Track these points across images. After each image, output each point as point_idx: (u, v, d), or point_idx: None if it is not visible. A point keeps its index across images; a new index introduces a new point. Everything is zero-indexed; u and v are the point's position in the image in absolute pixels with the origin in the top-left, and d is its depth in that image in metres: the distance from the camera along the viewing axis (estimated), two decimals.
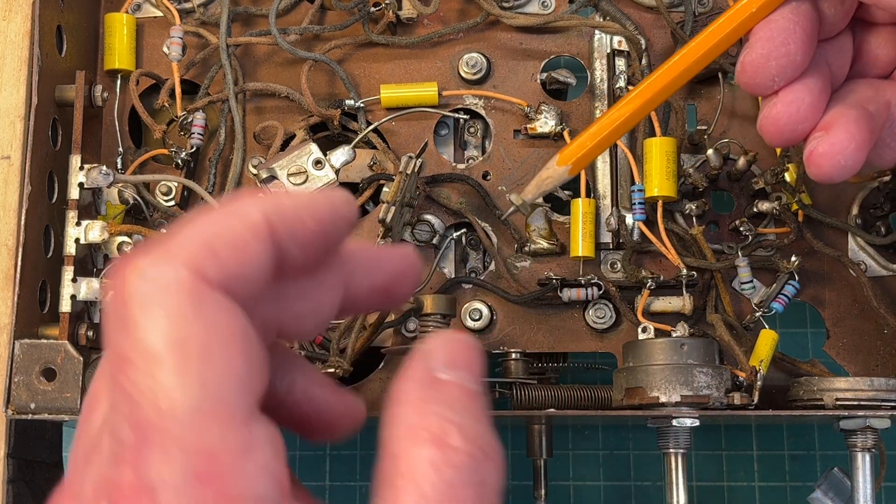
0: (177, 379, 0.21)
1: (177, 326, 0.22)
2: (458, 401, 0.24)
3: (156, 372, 0.21)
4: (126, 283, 0.22)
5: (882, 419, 0.45)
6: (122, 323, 0.22)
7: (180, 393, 0.21)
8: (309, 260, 0.25)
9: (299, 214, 0.25)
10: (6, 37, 0.47)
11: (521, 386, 0.49)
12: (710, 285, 0.50)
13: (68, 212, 0.48)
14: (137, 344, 0.21)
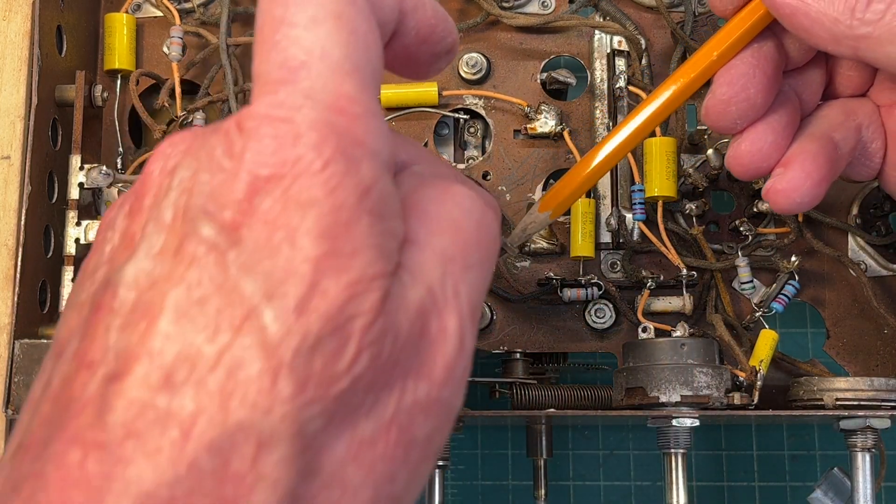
0: (333, 37, 0.26)
1: (335, 3, 0.26)
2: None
3: (314, 28, 0.26)
4: None
5: (882, 419, 0.45)
6: (283, 6, 0.26)
7: (336, 50, 0.26)
8: (404, 47, 0.30)
9: (425, 18, 0.30)
10: (6, 37, 0.47)
11: (521, 386, 0.49)
12: (710, 285, 0.50)
13: (68, 212, 0.48)
14: (302, 13, 0.26)
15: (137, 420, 0.22)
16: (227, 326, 0.23)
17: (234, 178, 0.24)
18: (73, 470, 0.22)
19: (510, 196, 0.52)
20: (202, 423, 0.22)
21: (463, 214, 0.28)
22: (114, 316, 0.24)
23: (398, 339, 0.24)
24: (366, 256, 0.24)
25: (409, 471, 0.25)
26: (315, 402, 0.23)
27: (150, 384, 0.23)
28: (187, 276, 0.23)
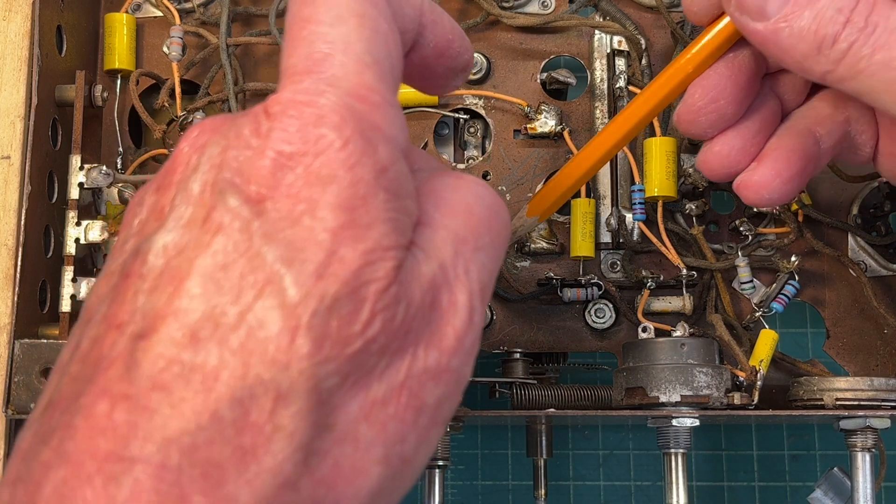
0: (356, 33, 0.28)
1: (362, 3, 0.28)
2: None
3: (339, 25, 0.28)
4: None
5: (882, 419, 0.45)
6: (310, 5, 0.28)
7: (358, 44, 0.28)
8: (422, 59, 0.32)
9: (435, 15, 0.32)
10: (6, 37, 0.47)
11: (521, 386, 0.49)
12: (710, 285, 0.50)
13: (68, 212, 0.48)
14: (327, 11, 0.28)
15: (163, 374, 0.24)
16: (250, 289, 0.25)
17: (260, 154, 0.26)
18: (100, 419, 0.24)
19: (510, 196, 0.52)
20: (224, 377, 0.24)
21: (475, 199, 0.30)
22: (142, 281, 0.25)
23: (410, 307, 0.26)
24: (381, 228, 0.26)
25: (418, 434, 0.27)
26: (330, 361, 0.25)
27: (176, 341, 0.24)
28: (213, 244, 0.25)
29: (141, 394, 0.24)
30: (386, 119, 0.27)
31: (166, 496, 0.23)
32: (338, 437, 0.25)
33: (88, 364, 0.25)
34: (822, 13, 0.33)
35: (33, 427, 0.26)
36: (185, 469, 0.23)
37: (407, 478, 0.27)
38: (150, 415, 0.24)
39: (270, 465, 0.24)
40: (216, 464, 0.24)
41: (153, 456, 0.23)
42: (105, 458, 0.23)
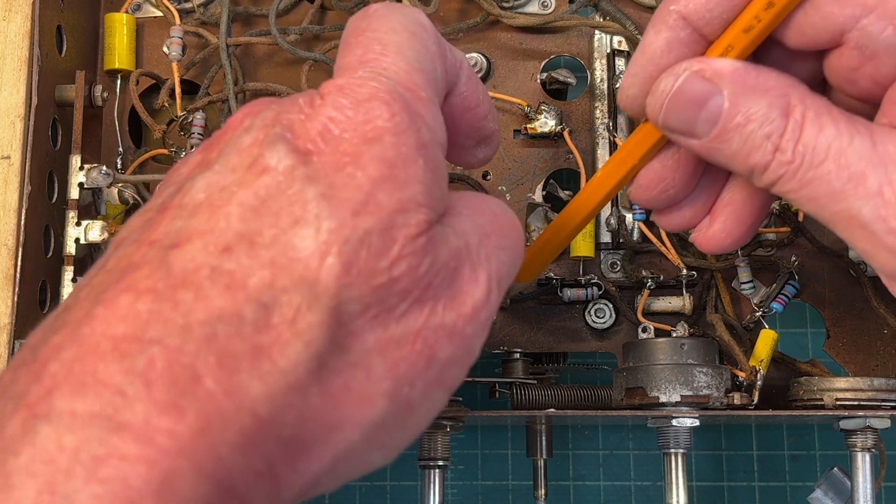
0: (407, 43, 0.31)
1: (414, 23, 0.32)
2: None
3: (393, 34, 0.31)
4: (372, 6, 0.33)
5: (882, 419, 0.45)
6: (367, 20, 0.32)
7: (409, 52, 0.30)
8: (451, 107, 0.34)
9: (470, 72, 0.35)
10: (6, 37, 0.47)
11: (521, 386, 0.49)
12: (710, 285, 0.50)
13: (68, 212, 0.48)
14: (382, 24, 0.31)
15: (192, 274, 0.25)
16: (287, 217, 0.26)
17: (313, 118, 0.28)
18: (122, 308, 0.25)
19: (510, 196, 0.52)
20: (252, 283, 0.25)
21: (500, 210, 0.32)
22: (181, 211, 0.27)
23: (435, 264, 0.28)
24: (417, 187, 0.28)
25: (425, 384, 0.28)
26: (355, 287, 0.26)
27: (209, 250, 0.26)
28: (257, 182, 0.27)
29: (167, 289, 0.25)
30: (429, 112, 0.30)
31: (179, 375, 0.24)
32: (351, 361, 0.27)
33: (115, 272, 0.26)
34: (751, 139, 0.33)
35: (44, 326, 0.27)
36: (201, 354, 0.25)
37: (407, 426, 0.29)
38: (174, 305, 0.25)
39: (283, 366, 0.25)
40: (232, 355, 0.25)
41: (171, 339, 0.24)
42: (122, 339, 0.24)
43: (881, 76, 0.33)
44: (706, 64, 0.34)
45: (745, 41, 0.34)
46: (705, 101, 0.33)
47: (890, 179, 0.32)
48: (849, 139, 0.32)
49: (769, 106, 0.33)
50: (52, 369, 0.24)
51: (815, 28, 0.33)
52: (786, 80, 0.33)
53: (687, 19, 0.34)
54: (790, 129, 0.33)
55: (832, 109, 0.33)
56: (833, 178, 0.32)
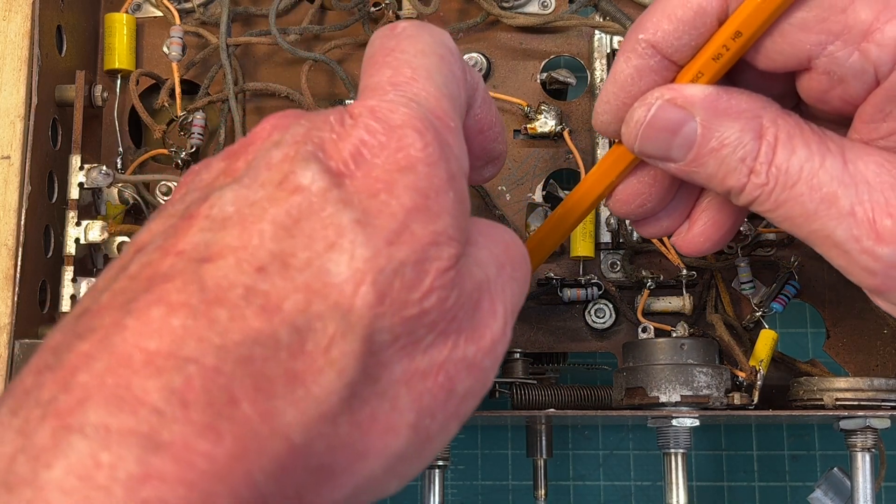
0: (436, 67, 0.31)
1: (442, 46, 0.32)
2: None
3: (422, 58, 0.31)
4: (400, 23, 0.33)
5: (882, 419, 0.45)
6: (396, 39, 0.32)
7: (438, 77, 0.31)
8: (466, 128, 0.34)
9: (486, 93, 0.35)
10: (6, 37, 0.47)
11: (521, 386, 0.49)
12: (710, 285, 0.50)
13: (68, 212, 0.48)
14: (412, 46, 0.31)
15: (227, 292, 0.25)
16: (322, 241, 0.26)
17: (344, 139, 0.28)
18: (155, 321, 0.24)
19: (510, 196, 0.52)
20: (287, 306, 0.25)
21: (511, 238, 0.33)
22: (209, 221, 0.27)
23: (461, 297, 0.28)
24: (448, 219, 0.28)
25: (445, 415, 0.29)
26: (387, 317, 0.26)
27: (243, 269, 0.25)
28: (290, 200, 0.26)
29: (202, 305, 0.25)
30: (456, 142, 0.30)
31: (216, 396, 0.24)
32: (379, 391, 0.27)
33: (140, 280, 0.26)
34: (726, 163, 0.34)
35: (65, 328, 0.26)
36: (237, 376, 0.24)
37: (424, 457, 0.29)
38: (210, 323, 0.24)
39: (317, 393, 0.25)
40: (268, 379, 0.25)
41: (208, 358, 0.24)
42: (156, 354, 0.24)
43: (851, 97, 0.33)
44: (677, 91, 0.34)
45: (714, 68, 0.34)
46: (679, 128, 0.34)
47: (861, 199, 0.32)
48: (820, 160, 0.33)
49: (742, 130, 0.33)
50: (82, 379, 0.24)
51: (782, 54, 0.33)
52: (757, 101, 0.34)
53: (656, 47, 0.35)
54: (763, 151, 0.33)
55: (804, 129, 0.34)
56: (806, 199, 0.33)
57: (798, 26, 0.32)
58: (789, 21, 0.32)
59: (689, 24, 0.34)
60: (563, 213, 0.40)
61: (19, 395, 0.25)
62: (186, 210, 0.27)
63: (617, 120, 0.36)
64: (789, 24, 0.32)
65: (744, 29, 0.33)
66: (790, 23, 0.32)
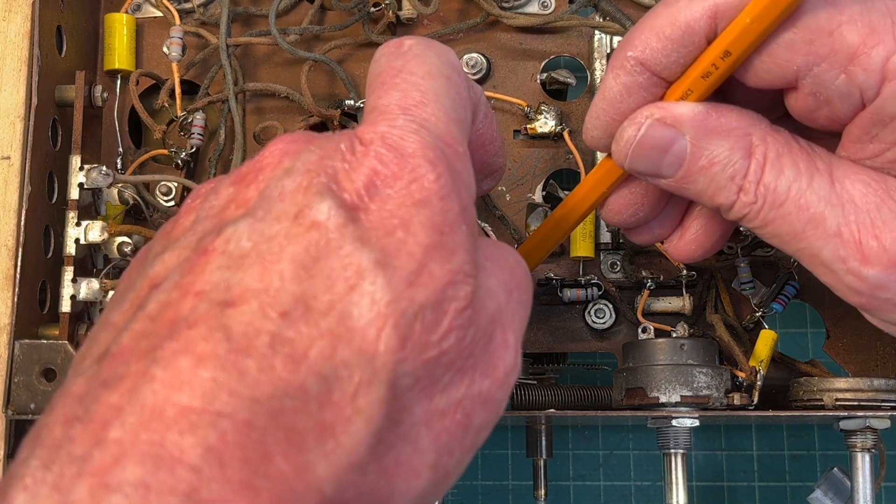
0: (444, 90, 0.31)
1: (449, 67, 0.32)
2: None
3: (431, 80, 0.31)
4: (406, 41, 0.33)
5: (882, 419, 0.45)
6: (403, 59, 0.31)
7: (446, 100, 0.30)
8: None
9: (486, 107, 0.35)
10: (6, 37, 0.47)
11: (521, 386, 0.49)
12: (710, 285, 0.50)
13: (68, 212, 0.48)
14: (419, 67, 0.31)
15: (253, 341, 0.25)
16: (342, 282, 0.26)
17: (356, 169, 0.28)
18: (183, 373, 0.24)
19: (510, 196, 0.52)
20: (313, 354, 0.25)
21: (516, 262, 0.33)
22: (226, 258, 0.26)
23: (476, 333, 0.28)
24: (463, 255, 0.28)
25: (462, 451, 0.29)
26: (409, 361, 0.26)
27: (267, 314, 0.25)
28: (307, 237, 0.26)
29: (230, 355, 0.24)
30: (465, 168, 0.30)
31: (251, 452, 0.24)
32: (402, 435, 0.27)
33: (162, 323, 0.26)
34: (715, 181, 0.34)
35: (86, 374, 0.26)
36: (270, 430, 0.24)
37: (440, 492, 0.29)
38: (239, 375, 0.24)
39: (347, 444, 0.25)
40: (299, 432, 0.24)
41: (240, 413, 0.24)
42: (188, 409, 0.24)
43: (837, 117, 0.34)
44: (667, 110, 0.35)
45: (703, 86, 0.34)
46: (668, 146, 0.34)
47: (847, 220, 0.33)
48: (808, 180, 0.33)
49: (731, 148, 0.34)
50: (115, 434, 0.24)
51: (770, 73, 0.33)
52: (747, 118, 0.34)
53: (644, 64, 0.35)
54: (752, 170, 0.34)
55: (793, 146, 0.34)
56: (794, 219, 0.33)
57: (785, 47, 0.32)
58: (777, 41, 0.32)
59: (678, 42, 0.34)
60: (555, 221, 0.40)
61: (50, 448, 0.24)
62: (200, 243, 0.27)
63: (607, 136, 0.37)
64: (777, 44, 0.33)
65: (733, 49, 0.33)
66: (778, 43, 0.32)
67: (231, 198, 0.29)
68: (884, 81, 0.31)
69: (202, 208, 0.29)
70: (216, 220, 0.28)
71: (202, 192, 0.30)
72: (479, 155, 0.36)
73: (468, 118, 0.32)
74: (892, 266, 0.32)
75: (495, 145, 0.36)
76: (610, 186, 0.38)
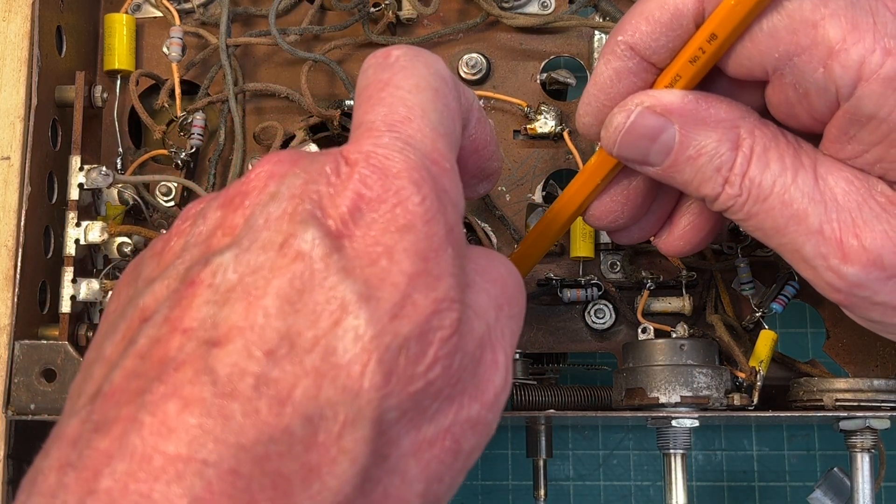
0: (431, 104, 0.30)
1: (437, 78, 0.31)
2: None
3: (417, 93, 0.30)
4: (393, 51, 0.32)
5: (882, 420, 0.45)
6: (389, 71, 0.31)
7: (433, 114, 0.30)
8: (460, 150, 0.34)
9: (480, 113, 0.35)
10: (6, 37, 0.47)
11: (521, 386, 0.49)
12: (710, 285, 0.50)
13: (68, 212, 0.48)
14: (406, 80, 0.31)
15: (238, 383, 0.25)
16: (327, 317, 0.26)
17: (340, 193, 0.28)
18: (170, 418, 0.24)
19: (510, 196, 0.52)
20: (297, 395, 0.25)
21: (507, 273, 0.32)
22: (212, 291, 0.26)
23: (464, 359, 0.28)
24: (449, 281, 0.28)
25: (452, 476, 0.29)
26: (394, 395, 0.26)
27: (252, 354, 0.25)
28: (292, 269, 0.26)
29: (215, 399, 0.24)
30: (453, 185, 0.30)
31: (237, 501, 0.24)
32: (389, 468, 0.27)
33: (151, 362, 0.26)
34: (702, 171, 0.34)
35: (80, 414, 0.26)
36: (256, 477, 0.24)
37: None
38: (225, 421, 0.24)
39: (333, 485, 0.25)
40: (285, 476, 0.24)
41: (226, 461, 0.24)
42: (176, 457, 0.24)
43: (816, 114, 0.34)
44: (656, 99, 0.35)
45: (691, 71, 0.35)
46: (657, 135, 0.35)
47: (829, 218, 0.33)
48: (793, 175, 0.33)
49: (719, 140, 0.34)
50: (105, 484, 0.24)
51: (751, 60, 0.33)
52: (736, 110, 0.35)
53: (634, 49, 0.35)
54: (739, 163, 0.34)
55: (780, 140, 0.34)
56: (777, 213, 0.34)
57: (769, 33, 0.33)
58: (760, 27, 0.33)
59: (666, 25, 0.34)
60: (548, 221, 0.40)
61: (46, 496, 0.25)
62: (188, 273, 0.27)
63: (598, 122, 0.37)
64: (760, 30, 0.33)
65: (719, 31, 0.33)
66: (761, 28, 0.33)
67: (218, 223, 0.29)
68: (859, 81, 0.31)
69: (191, 234, 0.29)
70: (203, 248, 0.28)
71: (191, 214, 0.30)
72: (474, 160, 0.36)
73: (457, 130, 0.32)
74: (870, 265, 0.33)
75: (489, 149, 0.36)
76: (602, 180, 0.38)
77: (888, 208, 0.33)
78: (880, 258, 0.33)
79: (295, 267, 0.26)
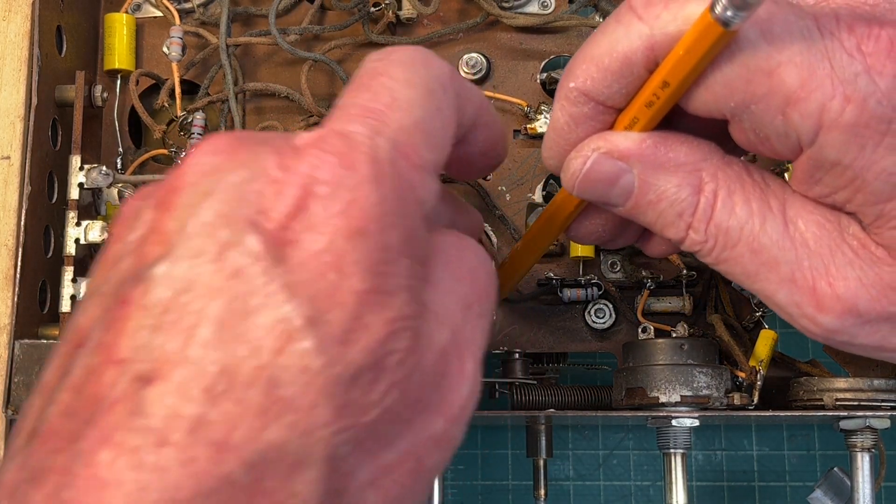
0: (420, 101, 0.28)
1: (434, 80, 0.30)
2: None
3: (408, 88, 0.28)
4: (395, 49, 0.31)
5: (882, 419, 0.45)
6: (386, 62, 0.29)
7: (419, 111, 0.28)
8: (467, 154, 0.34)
9: (489, 118, 0.33)
10: (6, 37, 0.47)
11: (521, 386, 0.49)
12: (710, 285, 0.50)
13: (68, 212, 0.48)
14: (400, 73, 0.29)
15: (173, 428, 0.22)
16: (270, 345, 0.23)
17: (285, 188, 0.25)
18: (103, 471, 0.22)
19: (510, 196, 0.52)
20: (238, 438, 0.23)
21: (478, 264, 0.30)
22: (145, 313, 0.24)
23: (424, 377, 0.26)
24: (403, 297, 0.25)
25: (414, 496, 0.27)
26: (348, 430, 0.24)
27: (187, 393, 0.23)
28: (229, 288, 0.23)
29: (148, 447, 0.22)
30: (422, 182, 0.27)
31: None
32: (346, 502, 0.25)
33: (84, 400, 0.24)
34: (664, 216, 0.33)
35: (17, 459, 0.24)
36: None
37: None
38: (161, 473, 0.22)
39: None
40: None
41: None
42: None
43: (779, 154, 0.32)
44: (613, 144, 0.34)
45: (648, 114, 0.34)
46: (615, 180, 0.34)
47: (801, 266, 0.32)
48: (761, 221, 0.32)
49: (679, 185, 0.33)
50: None
51: (707, 106, 0.32)
52: (698, 151, 0.33)
53: (587, 95, 0.34)
54: (702, 208, 0.33)
55: (745, 182, 0.33)
56: (747, 261, 0.33)
57: (723, 83, 0.31)
58: (714, 76, 0.31)
59: (617, 73, 0.33)
60: (527, 242, 0.40)
61: None
62: (120, 290, 0.25)
63: (562, 163, 0.36)
64: (714, 79, 0.31)
65: (670, 79, 0.32)
66: (715, 78, 0.31)
67: (151, 228, 0.26)
68: (820, 129, 0.30)
69: (125, 239, 0.26)
70: (136, 259, 0.25)
71: (127, 215, 0.27)
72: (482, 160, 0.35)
73: (446, 133, 0.30)
74: (846, 313, 0.32)
75: (497, 150, 0.35)
76: (575, 208, 0.38)
77: (860, 253, 0.32)
78: (855, 306, 0.31)
79: (232, 285, 0.23)
